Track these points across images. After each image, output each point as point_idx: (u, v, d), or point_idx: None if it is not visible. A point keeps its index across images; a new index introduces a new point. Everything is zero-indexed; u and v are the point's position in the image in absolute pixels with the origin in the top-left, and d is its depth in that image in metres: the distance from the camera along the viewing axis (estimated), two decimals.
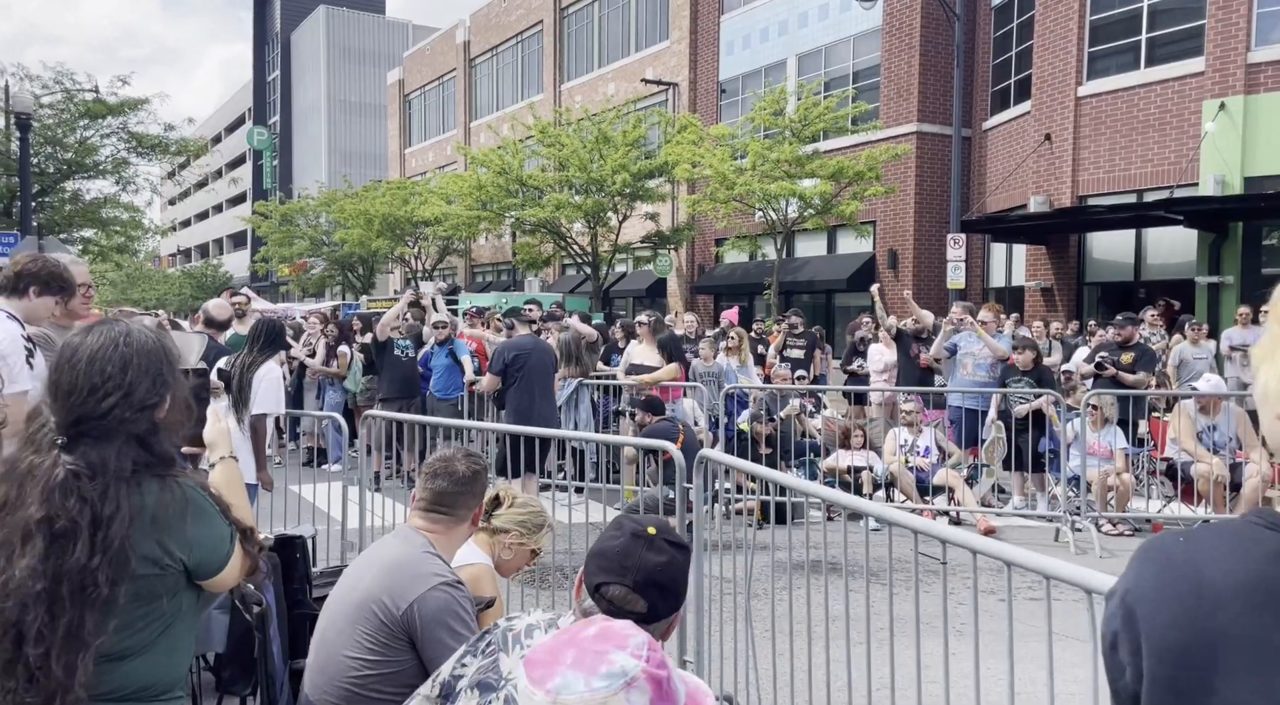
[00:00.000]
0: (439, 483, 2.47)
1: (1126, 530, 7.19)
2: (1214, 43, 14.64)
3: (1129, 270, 16.92)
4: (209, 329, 6.20)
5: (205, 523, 1.77)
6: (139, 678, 1.73)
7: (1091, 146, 16.64)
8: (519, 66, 33.30)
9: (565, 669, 1.23)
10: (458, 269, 35.88)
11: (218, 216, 67.75)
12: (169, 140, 24.43)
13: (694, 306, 23.01)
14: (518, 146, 22.97)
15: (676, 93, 25.67)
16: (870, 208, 19.33)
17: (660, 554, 1.70)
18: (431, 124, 39.49)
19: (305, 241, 35.15)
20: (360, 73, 57.45)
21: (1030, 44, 17.95)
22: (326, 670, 2.20)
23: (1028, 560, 2.10)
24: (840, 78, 21.55)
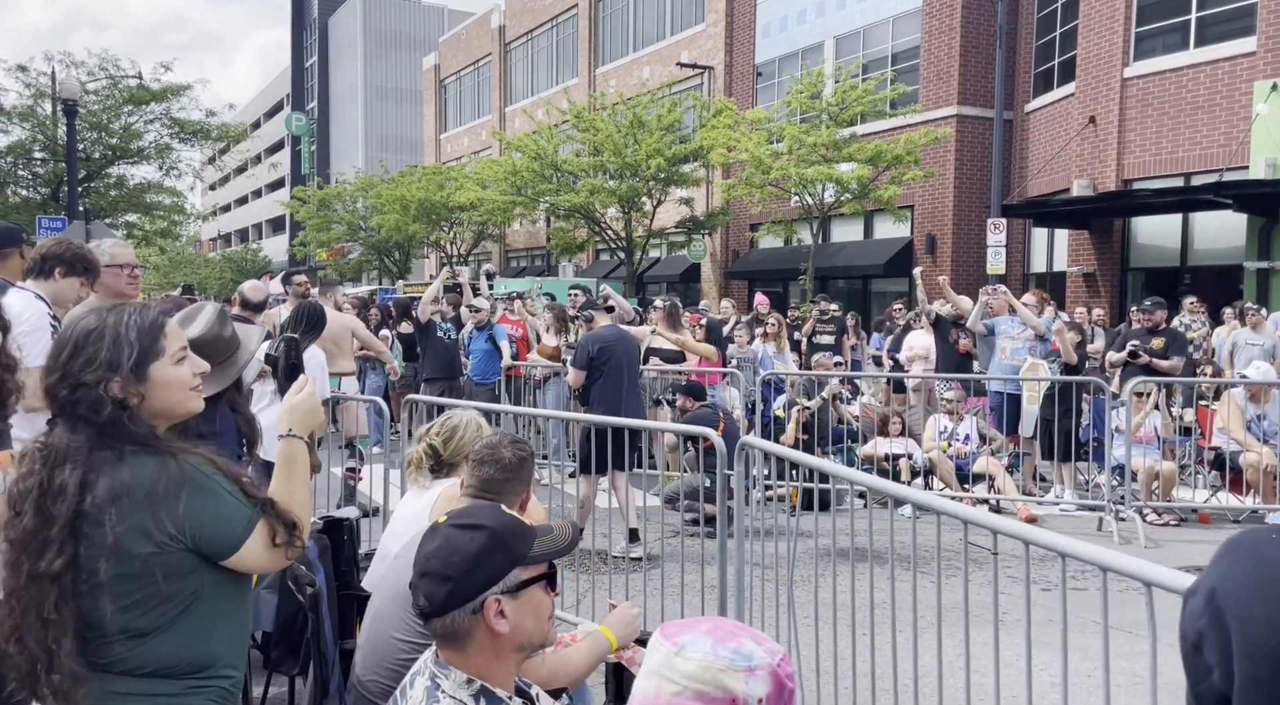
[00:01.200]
0: (486, 470, 2.49)
1: (1172, 520, 7.07)
2: (1266, 21, 14.22)
3: (1175, 255, 16.55)
4: (245, 311, 6.27)
5: (205, 499, 1.74)
6: (163, 655, 1.74)
7: (1138, 129, 16.26)
8: (554, 51, 33.24)
9: (698, 633, 1.23)
10: (492, 254, 36.04)
11: (257, 201, 68.59)
12: (210, 126, 24.75)
13: (728, 292, 22.90)
14: (552, 131, 22.96)
15: (712, 76, 25.48)
16: (908, 192, 19.08)
17: (434, 541, 1.63)
18: (467, 109, 39.58)
19: (342, 226, 35.49)
20: (396, 58, 57.70)
21: (1075, 24, 17.56)
22: (377, 651, 2.23)
23: (1083, 551, 2.07)
24: (879, 60, 21.25)
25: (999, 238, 16.65)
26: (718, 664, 1.18)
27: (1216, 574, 0.86)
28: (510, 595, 1.60)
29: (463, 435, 3.08)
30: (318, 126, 58.10)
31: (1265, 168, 13.98)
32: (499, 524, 1.65)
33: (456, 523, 1.66)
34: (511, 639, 1.61)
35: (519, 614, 1.60)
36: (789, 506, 6.78)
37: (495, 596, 1.58)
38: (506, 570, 1.60)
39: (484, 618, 1.58)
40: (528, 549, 1.63)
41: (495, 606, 1.58)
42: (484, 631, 1.59)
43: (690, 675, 1.17)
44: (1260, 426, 7.13)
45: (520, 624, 1.60)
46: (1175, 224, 16.32)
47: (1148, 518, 6.93)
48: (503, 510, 1.73)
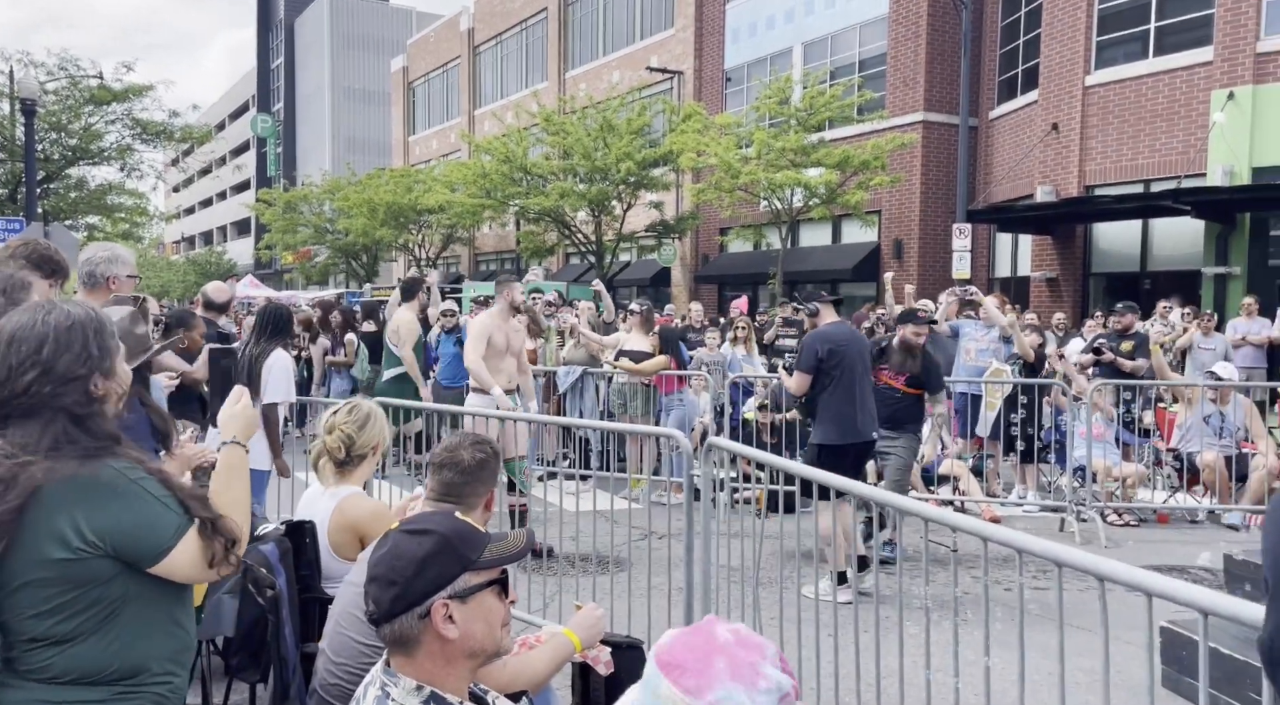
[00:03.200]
0: (446, 474, 2.48)
1: (1132, 520, 7.19)
2: (1223, 32, 14.55)
3: (1135, 261, 16.86)
4: (209, 312, 6.18)
5: (126, 506, 1.69)
6: (84, 663, 1.69)
7: (1099, 136, 16.56)
8: (523, 54, 33.19)
9: (724, 680, 1.14)
10: (461, 257, 35.86)
11: (222, 204, 67.73)
12: (173, 127, 24.42)
13: (698, 296, 22.98)
14: (522, 134, 22.92)
15: (681, 81, 25.57)
16: (875, 197, 19.27)
17: (382, 547, 1.62)
18: (435, 111, 39.39)
19: (309, 229, 35.15)
20: (364, 60, 57.30)
21: (1038, 33, 17.85)
22: (340, 655, 2.21)
23: (1039, 548, 2.10)
24: (846, 66, 21.45)
25: (964, 243, 16.87)
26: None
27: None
28: (459, 600, 1.58)
29: (373, 425, 3.04)
30: (284, 128, 57.53)
31: (1222, 175, 14.29)
32: (448, 529, 1.64)
33: (407, 528, 1.66)
34: (461, 645, 1.59)
35: (469, 619, 1.59)
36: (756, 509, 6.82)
37: (443, 601, 1.57)
38: (455, 575, 1.59)
39: (432, 623, 1.56)
40: (478, 554, 1.62)
41: (443, 611, 1.57)
42: (432, 637, 1.57)
43: None
44: (1219, 425, 7.29)
45: (470, 630, 1.59)
46: (1135, 230, 16.63)
47: (1108, 518, 7.05)
48: (455, 516, 1.71)
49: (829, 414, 5.42)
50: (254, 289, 25.56)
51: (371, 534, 2.93)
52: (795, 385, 5.62)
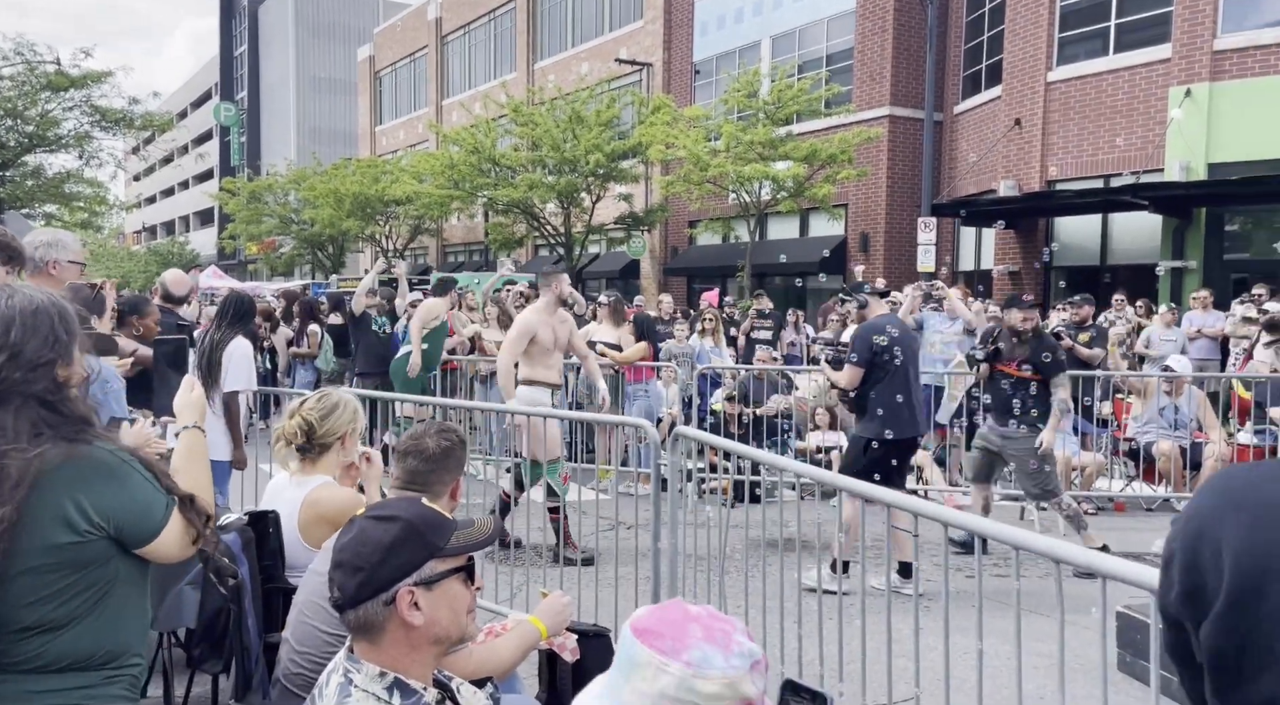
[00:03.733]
0: (410, 461, 2.48)
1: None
2: (1181, 29, 14.81)
3: (1095, 255, 17.15)
4: (167, 303, 6.09)
5: (123, 486, 1.72)
6: (79, 648, 1.70)
7: (1060, 132, 16.81)
8: (491, 44, 32.96)
9: (699, 642, 1.15)
10: (429, 249, 35.60)
11: (184, 193, 66.61)
12: (133, 114, 23.99)
13: (667, 288, 23.02)
14: (490, 125, 22.78)
15: (650, 73, 25.56)
16: (842, 191, 19.41)
17: (348, 534, 1.63)
18: (403, 101, 39.02)
19: (274, 220, 34.71)
20: (330, 48, 56.55)
21: (1001, 29, 18.06)
22: (304, 644, 2.21)
23: (998, 532, 2.15)
24: (814, 60, 21.56)
25: (929, 236, 17.04)
26: (737, 675, 1.13)
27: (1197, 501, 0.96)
28: (425, 587, 1.59)
29: (340, 415, 3.00)
30: (248, 117, 56.67)
31: (1179, 171, 14.57)
32: (414, 516, 1.64)
33: (373, 514, 1.66)
34: (426, 631, 1.60)
35: (434, 606, 1.59)
36: (723, 499, 6.87)
37: (409, 587, 1.57)
38: (421, 562, 1.59)
39: (397, 609, 1.57)
40: (444, 541, 1.62)
41: (409, 598, 1.57)
42: (397, 623, 1.58)
43: (714, 695, 1.12)
44: (1172, 416, 7.45)
45: (435, 616, 1.59)
46: (1096, 224, 16.91)
47: None
48: (422, 503, 1.72)
49: (882, 409, 5.22)
50: (217, 280, 25.20)
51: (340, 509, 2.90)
52: (847, 379, 5.36)
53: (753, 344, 10.24)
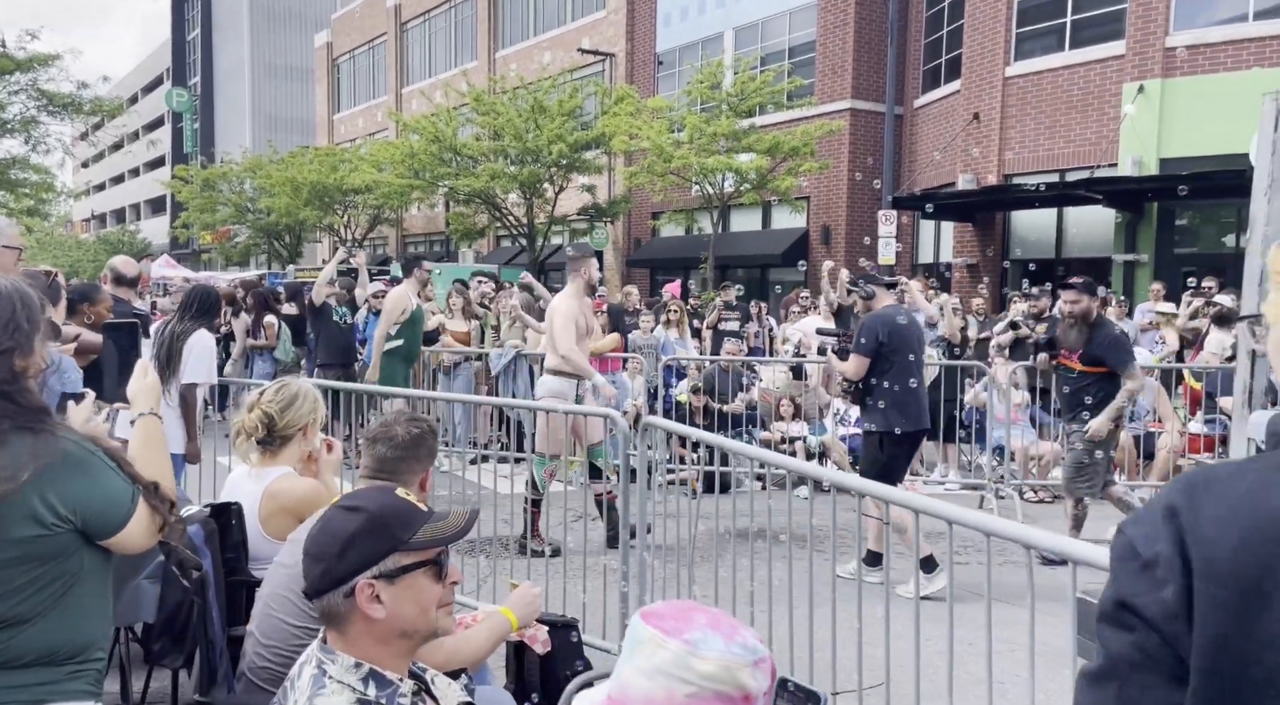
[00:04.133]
0: (379, 448, 2.44)
1: (1047, 497, 7.48)
2: (1134, 26, 15.08)
3: (1050, 248, 17.46)
4: (119, 288, 5.93)
5: (90, 477, 1.68)
6: (41, 643, 1.66)
7: (1018, 126, 17.05)
8: (452, 32, 32.60)
9: (702, 627, 1.16)
10: (388, 239, 35.19)
11: (135, 180, 65.08)
12: (82, 99, 23.35)
13: (630, 280, 22.99)
14: (451, 114, 22.54)
15: (613, 63, 25.46)
16: (804, 183, 19.53)
17: (319, 521, 1.63)
18: (361, 89, 38.46)
19: (229, 208, 34.05)
20: (285, 34, 55.54)
21: (961, 24, 18.26)
22: (270, 637, 2.17)
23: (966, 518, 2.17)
24: (776, 52, 21.63)
25: (890, 229, 17.21)
26: (735, 662, 1.13)
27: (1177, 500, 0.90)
28: (387, 580, 1.56)
29: (300, 405, 2.96)
30: (201, 103, 55.46)
31: (1132, 166, 14.86)
32: (380, 507, 1.61)
33: (342, 503, 1.64)
34: (389, 625, 1.57)
35: (397, 601, 1.56)
36: (690, 490, 6.89)
37: (368, 580, 1.54)
38: (383, 554, 1.56)
39: (357, 602, 1.54)
40: (410, 534, 1.59)
41: (369, 591, 1.55)
42: (359, 615, 1.56)
43: (710, 676, 1.12)
44: (1130, 409, 7.60)
45: (399, 611, 1.56)
46: (1051, 218, 17.21)
47: (1025, 495, 7.31)
48: (393, 493, 1.68)
49: (889, 401, 5.09)
50: (170, 269, 24.69)
51: (309, 514, 2.86)
52: (853, 369, 5.22)
53: (720, 336, 10.27)
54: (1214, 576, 0.84)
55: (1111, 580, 0.94)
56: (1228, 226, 15.33)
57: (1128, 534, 0.94)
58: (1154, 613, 0.88)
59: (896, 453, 5.06)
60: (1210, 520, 0.87)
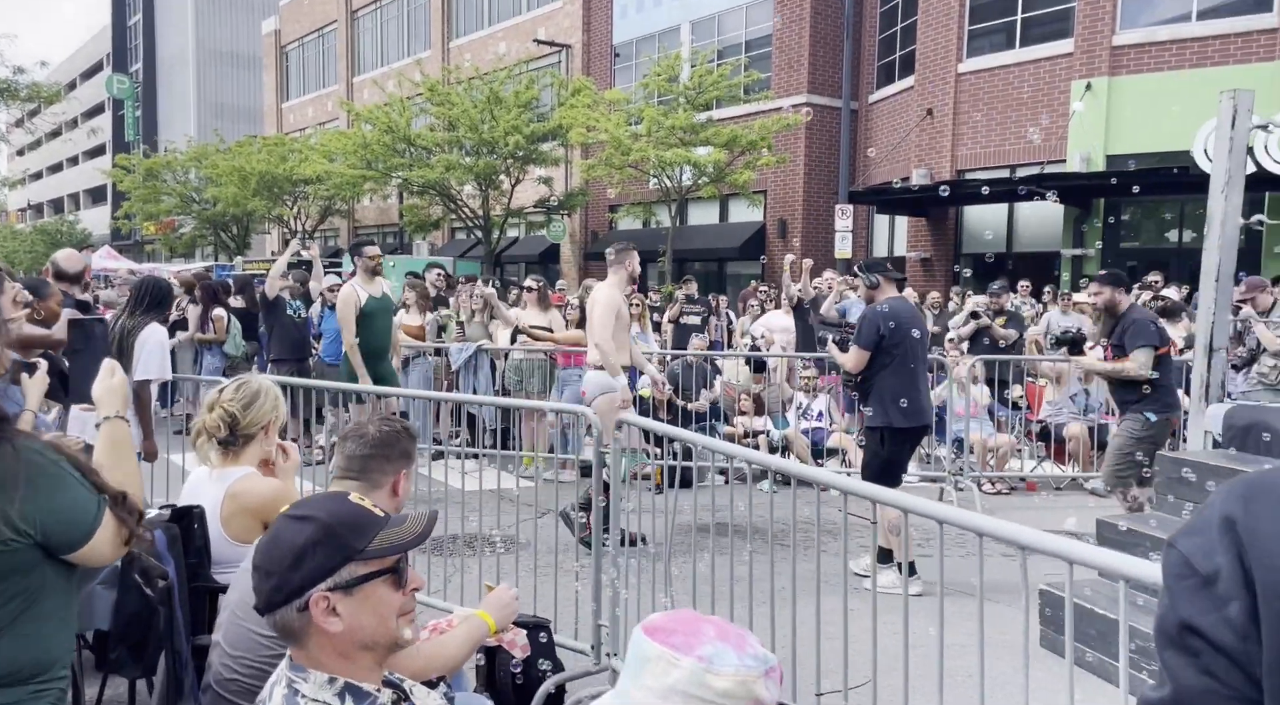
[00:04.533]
0: (349, 446, 2.37)
1: (1004, 489, 7.60)
2: (1082, 25, 15.38)
3: (1002, 242, 17.75)
4: (61, 283, 5.73)
5: (53, 488, 1.59)
6: (3, 662, 1.58)
7: (970, 122, 17.30)
8: (404, 21, 32.11)
9: (712, 641, 1.13)
10: (340, 230, 34.61)
11: (74, 169, 63.13)
12: (18, 85, 22.56)
13: (587, 273, 22.89)
14: (405, 104, 22.20)
15: (569, 55, 25.29)
16: (761, 177, 19.60)
17: (269, 533, 1.56)
18: (311, 78, 37.73)
19: (174, 198, 33.18)
20: (232, 20, 54.21)
21: (914, 20, 18.46)
22: (237, 647, 2.08)
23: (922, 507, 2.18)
24: (733, 46, 21.66)
25: (846, 223, 17.34)
26: (750, 675, 1.11)
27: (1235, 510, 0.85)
28: (343, 592, 1.49)
29: (262, 403, 2.87)
30: (143, 90, 53.95)
31: (1080, 162, 15.17)
32: (331, 515, 1.53)
33: (291, 513, 1.56)
34: (348, 638, 1.50)
35: (355, 612, 1.49)
36: (653, 485, 6.86)
37: (323, 593, 1.47)
38: (337, 565, 1.49)
39: (311, 616, 1.47)
40: (365, 543, 1.51)
41: (324, 604, 1.47)
42: (316, 630, 1.49)
43: (727, 692, 1.09)
44: (1085, 400, 7.77)
45: (357, 622, 1.49)
46: (1002, 213, 17.50)
47: (983, 487, 7.42)
48: (346, 499, 1.60)
49: (890, 395, 4.96)
50: (112, 260, 24.02)
51: (273, 515, 2.77)
52: (853, 362, 5.09)
53: (683, 330, 10.24)
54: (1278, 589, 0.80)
55: (1169, 600, 0.88)
56: (1170, 222, 15.73)
57: (1181, 549, 0.88)
58: (1220, 634, 0.83)
59: (898, 448, 4.99)
60: (1271, 530, 0.82)
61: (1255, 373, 6.98)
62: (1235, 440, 4.08)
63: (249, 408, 2.86)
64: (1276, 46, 13.57)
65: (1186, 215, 15.28)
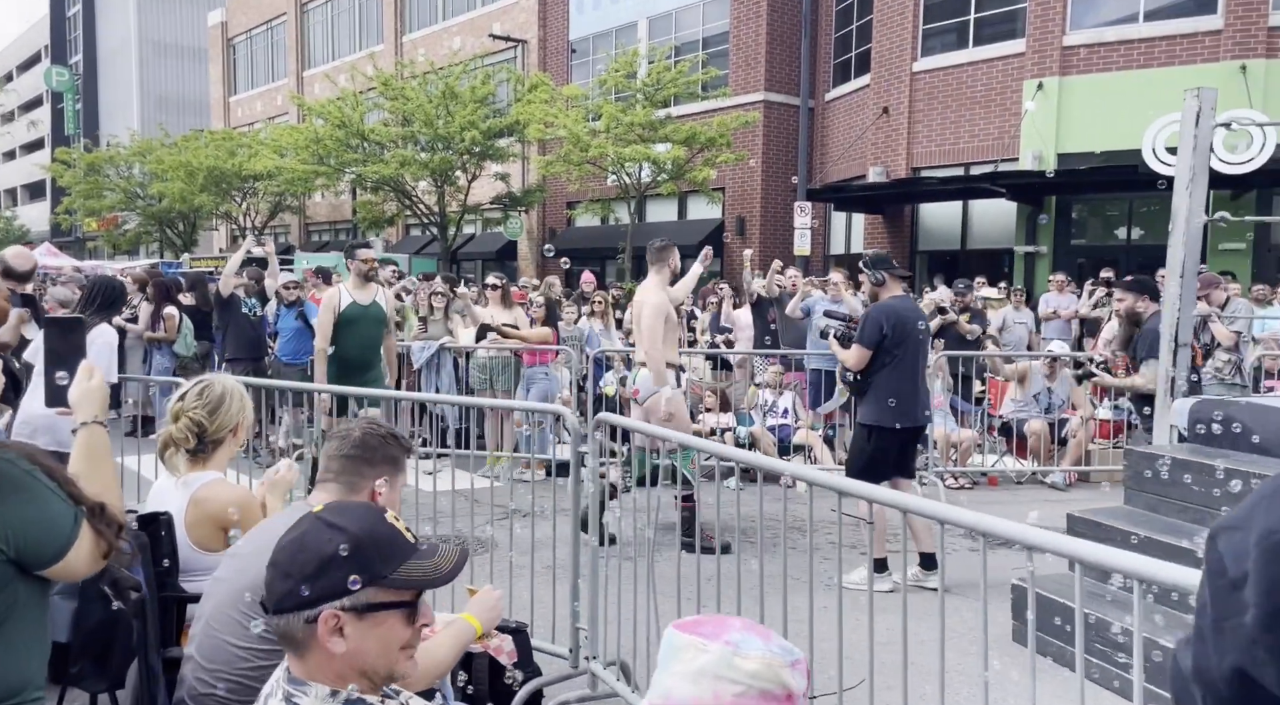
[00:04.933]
0: (330, 446, 2.28)
1: (966, 483, 7.68)
2: (1033, 25, 15.64)
3: (956, 239, 18.00)
4: (9, 281, 5.50)
5: (25, 500, 1.51)
6: None
7: (925, 121, 17.50)
8: (356, 14, 31.61)
9: (739, 630, 1.17)
10: (291, 227, 33.98)
11: (10, 164, 61.13)
12: None
13: (545, 270, 22.75)
14: (358, 98, 21.84)
15: (526, 50, 25.09)
16: (720, 174, 19.63)
17: (297, 529, 1.50)
18: (259, 71, 36.97)
19: (116, 194, 32.28)
20: (176, 11, 52.89)
21: (870, 19, 18.62)
22: (213, 660, 1.99)
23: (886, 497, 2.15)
24: (691, 43, 21.67)
25: (805, 220, 17.44)
26: (777, 661, 1.15)
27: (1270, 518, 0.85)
28: (355, 614, 1.42)
29: (229, 405, 2.77)
30: (84, 83, 52.46)
31: (1032, 160, 15.43)
32: (365, 532, 1.46)
33: (326, 516, 1.49)
34: (347, 661, 1.43)
35: (361, 637, 1.43)
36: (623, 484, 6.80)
37: (334, 611, 1.41)
38: (357, 586, 1.42)
39: (317, 630, 1.41)
40: (390, 570, 1.45)
41: (333, 622, 1.41)
42: (318, 645, 1.42)
43: (755, 674, 1.14)
44: (1048, 399, 7.89)
45: (361, 647, 1.43)
46: (957, 210, 17.74)
47: (946, 482, 7.49)
48: (383, 517, 1.53)
49: (886, 394, 4.90)
50: (52, 258, 23.25)
51: (234, 523, 2.66)
52: (854, 359, 5.02)
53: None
54: None
55: (1207, 593, 0.89)
56: (1119, 219, 16.09)
57: (1220, 546, 0.89)
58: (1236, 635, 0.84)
59: (884, 447, 4.93)
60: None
61: (1210, 368, 7.14)
62: (1200, 434, 4.14)
63: (215, 413, 2.75)
64: (1220, 47, 13.92)
65: (1135, 213, 15.64)
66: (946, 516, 2.11)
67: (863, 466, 4.86)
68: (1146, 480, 4.10)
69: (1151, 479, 4.04)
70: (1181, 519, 3.97)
